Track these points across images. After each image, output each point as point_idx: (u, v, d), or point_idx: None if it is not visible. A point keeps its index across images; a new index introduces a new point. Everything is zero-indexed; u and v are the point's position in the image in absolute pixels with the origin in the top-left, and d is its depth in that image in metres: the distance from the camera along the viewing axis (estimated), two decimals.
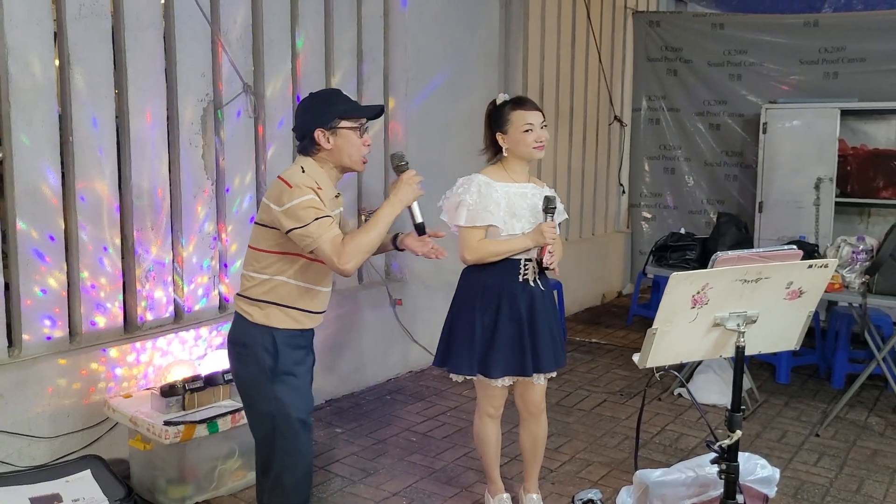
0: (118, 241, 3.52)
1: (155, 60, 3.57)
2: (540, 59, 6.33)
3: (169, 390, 3.26)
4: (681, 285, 2.07)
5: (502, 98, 2.94)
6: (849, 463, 3.80)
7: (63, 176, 3.32)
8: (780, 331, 2.31)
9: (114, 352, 3.45)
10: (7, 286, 3.21)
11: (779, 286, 2.19)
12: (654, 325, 2.11)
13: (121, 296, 3.55)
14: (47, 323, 3.29)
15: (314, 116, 2.45)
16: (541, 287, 2.96)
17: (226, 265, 4.00)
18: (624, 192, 7.59)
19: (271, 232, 2.42)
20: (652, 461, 3.72)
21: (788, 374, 5.02)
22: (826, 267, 2.22)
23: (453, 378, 3.00)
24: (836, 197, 5.74)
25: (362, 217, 4.53)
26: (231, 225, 3.98)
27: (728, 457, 2.22)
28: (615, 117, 7.34)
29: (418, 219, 2.59)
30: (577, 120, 6.85)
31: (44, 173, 3.22)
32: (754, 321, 2.20)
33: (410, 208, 2.53)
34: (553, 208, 2.84)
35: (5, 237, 3.25)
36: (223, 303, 4.01)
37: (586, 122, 7.00)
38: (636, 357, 2.18)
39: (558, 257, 2.97)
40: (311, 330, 2.58)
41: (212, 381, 3.38)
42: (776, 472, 2.55)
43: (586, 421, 4.32)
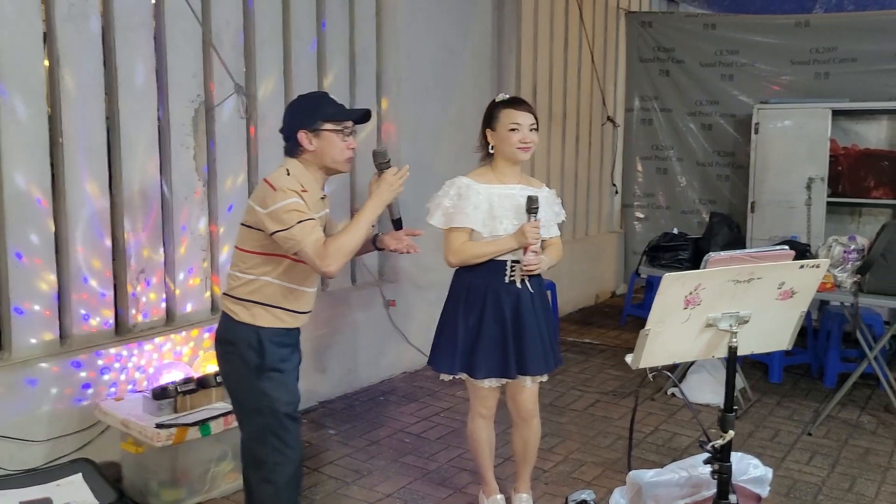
0: (109, 242, 3.51)
1: (145, 61, 3.56)
2: (533, 59, 6.33)
3: (161, 393, 3.25)
4: (673, 286, 2.07)
5: (502, 97, 2.96)
6: (841, 461, 3.81)
7: (53, 177, 3.30)
8: (772, 331, 2.32)
9: (105, 354, 3.43)
10: None
11: (771, 286, 2.19)
12: (647, 326, 2.11)
13: (112, 298, 3.53)
14: (38, 325, 3.27)
15: (299, 118, 2.50)
16: (529, 288, 2.93)
17: (217, 267, 3.98)
18: (617, 192, 7.60)
19: (257, 233, 2.46)
20: (645, 461, 3.72)
21: (781, 373, 5.04)
22: (818, 267, 2.22)
23: (441, 377, 3.01)
24: (828, 197, 5.76)
25: None
26: (223, 226, 3.97)
27: (721, 457, 2.22)
28: (608, 118, 7.35)
29: (396, 214, 2.66)
30: (569, 120, 6.86)
31: (33, 175, 3.20)
32: (747, 321, 2.20)
33: (389, 204, 2.58)
34: (536, 208, 2.81)
35: None
36: (215, 304, 3.99)
37: (579, 122, 7.01)
38: (629, 358, 2.18)
39: (556, 259, 2.97)
40: (297, 329, 2.62)
41: (204, 384, 3.37)
42: (769, 472, 2.55)
43: (579, 421, 4.32)
